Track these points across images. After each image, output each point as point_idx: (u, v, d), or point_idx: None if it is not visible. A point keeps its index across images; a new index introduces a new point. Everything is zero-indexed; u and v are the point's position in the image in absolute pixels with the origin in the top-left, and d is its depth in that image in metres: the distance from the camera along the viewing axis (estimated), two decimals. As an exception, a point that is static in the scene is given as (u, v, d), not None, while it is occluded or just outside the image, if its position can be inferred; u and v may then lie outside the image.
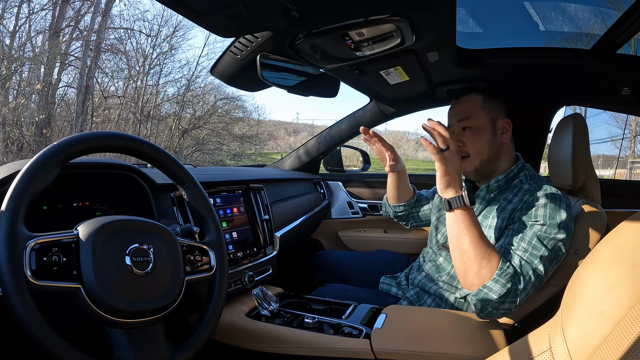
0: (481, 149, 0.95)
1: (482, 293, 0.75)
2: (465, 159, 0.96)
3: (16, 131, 7.85)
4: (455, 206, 0.79)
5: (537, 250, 0.78)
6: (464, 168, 0.97)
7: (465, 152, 0.96)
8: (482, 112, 0.96)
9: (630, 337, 0.30)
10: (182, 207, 0.89)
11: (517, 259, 0.78)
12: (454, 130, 0.99)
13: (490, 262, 0.76)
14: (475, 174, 0.98)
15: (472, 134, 0.95)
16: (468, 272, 0.77)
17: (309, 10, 0.73)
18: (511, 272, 0.75)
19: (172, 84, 11.17)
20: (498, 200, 0.94)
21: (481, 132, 0.95)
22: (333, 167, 1.91)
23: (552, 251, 0.79)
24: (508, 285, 0.74)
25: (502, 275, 0.74)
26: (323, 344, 0.79)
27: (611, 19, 0.96)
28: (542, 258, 0.78)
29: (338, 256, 1.40)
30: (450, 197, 0.80)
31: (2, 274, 0.47)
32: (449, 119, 1.01)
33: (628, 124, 10.27)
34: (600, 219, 0.89)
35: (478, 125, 0.95)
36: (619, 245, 0.38)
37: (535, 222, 0.81)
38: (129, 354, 0.56)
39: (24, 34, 8.65)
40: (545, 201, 0.83)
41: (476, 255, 0.76)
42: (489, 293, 0.75)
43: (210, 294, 0.71)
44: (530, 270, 0.77)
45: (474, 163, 0.95)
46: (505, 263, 0.76)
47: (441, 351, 0.73)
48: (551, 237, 0.79)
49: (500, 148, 0.96)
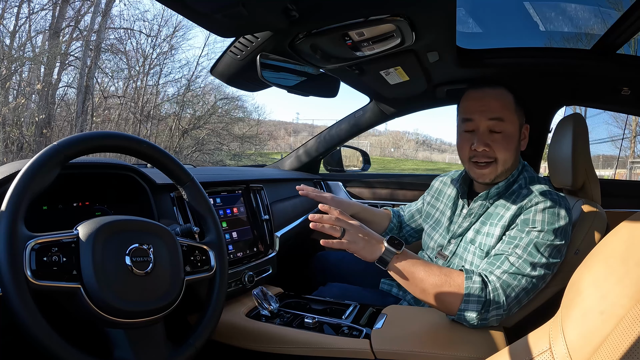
0: (508, 158, 0.87)
1: (463, 316, 0.76)
2: (489, 165, 0.87)
3: (16, 131, 7.85)
4: (389, 259, 0.77)
5: (531, 257, 0.77)
6: (485, 174, 0.88)
7: (493, 157, 0.86)
8: (514, 116, 0.87)
9: (630, 337, 0.30)
10: (182, 207, 0.89)
11: (507, 265, 0.77)
12: (479, 128, 0.87)
13: (452, 284, 0.75)
14: (492, 180, 0.90)
15: (503, 140, 0.86)
16: (440, 304, 0.77)
17: (309, 10, 0.73)
18: (478, 286, 0.75)
19: (172, 84, 11.19)
20: (496, 207, 0.90)
21: (512, 138, 0.87)
22: (333, 167, 1.91)
23: (548, 258, 0.78)
24: (482, 299, 0.74)
25: (472, 292, 0.74)
26: (323, 344, 0.79)
27: (611, 19, 0.96)
28: (535, 265, 0.77)
29: (337, 256, 1.40)
30: (379, 257, 0.77)
31: (2, 274, 0.47)
32: (472, 113, 0.88)
33: (628, 124, 10.29)
34: (600, 219, 0.89)
35: (511, 130, 0.86)
36: (619, 245, 0.38)
37: (532, 229, 0.79)
38: (129, 354, 0.56)
39: (24, 34, 8.66)
40: (544, 206, 0.81)
41: (435, 285, 0.76)
42: (467, 313, 0.75)
43: (210, 294, 0.71)
44: (520, 276, 0.76)
45: (496, 170, 0.87)
46: (470, 278, 0.76)
47: (441, 351, 0.73)
48: (548, 244, 0.78)
49: (518, 157, 0.91)
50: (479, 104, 0.88)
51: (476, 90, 0.90)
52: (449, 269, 0.79)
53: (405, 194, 1.73)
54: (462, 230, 0.95)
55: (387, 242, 0.77)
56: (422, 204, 1.19)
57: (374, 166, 2.14)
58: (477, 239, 0.89)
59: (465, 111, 0.90)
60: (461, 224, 0.96)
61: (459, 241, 0.95)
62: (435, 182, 1.16)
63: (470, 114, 0.89)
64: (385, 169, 17.90)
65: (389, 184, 1.77)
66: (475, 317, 0.75)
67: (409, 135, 23.30)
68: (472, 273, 0.77)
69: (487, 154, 0.86)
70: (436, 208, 1.09)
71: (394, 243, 0.77)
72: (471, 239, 0.91)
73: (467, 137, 0.90)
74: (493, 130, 0.87)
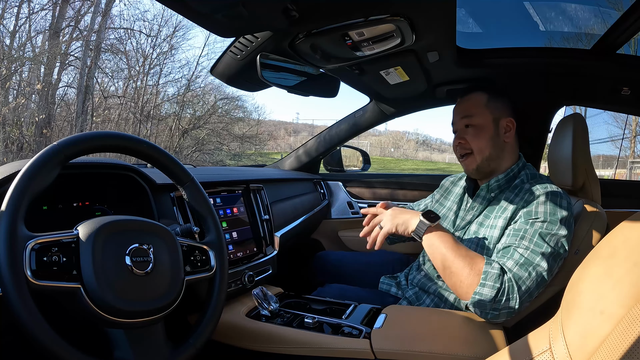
0: (483, 147, 0.96)
1: (476, 299, 0.77)
2: (468, 156, 0.99)
3: (16, 131, 7.85)
4: (422, 231, 0.83)
5: (538, 247, 0.79)
6: (466, 165, 1.00)
7: (468, 148, 0.98)
8: (485, 110, 0.97)
9: (630, 337, 0.30)
10: (182, 207, 0.89)
11: (517, 256, 0.79)
12: (457, 128, 1.02)
13: (473, 268, 0.78)
14: (477, 172, 0.99)
15: (474, 132, 0.97)
16: (456, 284, 0.80)
17: (309, 10, 0.73)
18: (496, 272, 0.77)
19: (172, 84, 11.20)
20: (499, 201, 0.94)
21: (483, 130, 0.97)
22: (333, 167, 1.91)
23: (555, 248, 0.79)
24: (497, 285, 0.75)
25: (488, 277, 0.76)
26: (323, 344, 0.79)
27: (611, 19, 0.96)
28: (544, 255, 0.78)
29: (337, 257, 1.40)
30: (415, 228, 0.84)
31: (2, 274, 0.47)
32: (453, 117, 1.04)
33: (628, 124, 10.29)
34: (600, 219, 0.89)
35: (480, 123, 0.97)
36: (619, 245, 0.38)
37: (535, 220, 0.82)
38: (129, 354, 0.56)
39: (24, 34, 8.66)
40: (546, 198, 0.84)
41: (458, 266, 0.79)
42: (480, 298, 0.76)
43: (210, 294, 0.71)
44: (530, 267, 0.77)
45: (475, 160, 0.97)
46: (490, 264, 0.78)
47: (441, 351, 0.73)
48: (553, 234, 0.80)
49: (503, 147, 0.97)
50: (456, 109, 1.04)
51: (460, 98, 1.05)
52: (474, 253, 0.82)
53: (405, 194, 1.73)
54: (465, 222, 1.00)
55: (423, 215, 0.84)
56: (431, 201, 1.23)
57: (374, 166, 2.14)
58: (480, 231, 0.93)
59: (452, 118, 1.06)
60: (465, 217, 1.01)
61: (462, 234, 0.99)
62: (445, 181, 1.22)
63: (452, 119, 1.05)
64: (385, 169, 17.90)
65: (389, 184, 1.78)
66: (488, 304, 0.76)
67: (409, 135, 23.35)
68: (493, 261, 0.80)
69: (463, 146, 0.99)
70: (444, 205, 1.13)
71: (429, 216, 0.83)
72: (474, 231, 0.95)
73: (454, 138, 1.03)
74: (466, 126, 0.99)
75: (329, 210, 1.82)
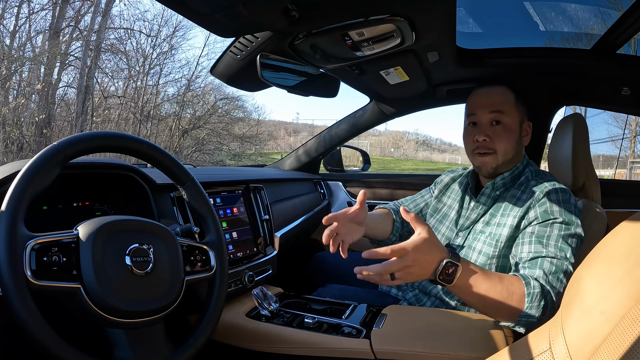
0: (509, 149, 0.92)
1: (522, 322, 0.72)
2: (489, 155, 0.92)
3: (16, 131, 7.85)
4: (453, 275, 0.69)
5: (564, 252, 0.77)
6: (485, 163, 0.93)
7: (492, 149, 0.91)
8: (515, 110, 0.93)
9: (630, 337, 0.30)
10: (182, 207, 0.89)
11: (547, 265, 0.76)
12: (481, 121, 0.93)
13: (513, 295, 0.71)
14: (493, 171, 0.94)
15: (503, 132, 0.91)
16: (499, 315, 0.75)
17: (309, 10, 0.73)
18: (538, 291, 0.72)
19: (172, 84, 11.19)
20: (505, 198, 0.92)
21: (512, 131, 0.92)
22: (333, 167, 1.91)
23: (575, 247, 0.79)
24: (542, 303, 0.71)
25: (533, 300, 0.71)
26: (323, 344, 0.79)
27: (611, 19, 0.96)
28: (568, 258, 0.77)
29: (337, 257, 1.40)
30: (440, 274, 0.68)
31: (2, 274, 0.47)
32: (475, 108, 0.94)
33: (628, 124, 10.29)
34: (600, 219, 0.89)
35: (510, 123, 0.92)
36: (619, 245, 0.38)
37: (554, 221, 0.80)
38: (129, 354, 0.56)
39: (24, 34, 8.66)
40: (557, 197, 0.83)
41: (498, 299, 0.71)
42: (528, 320, 0.72)
43: (210, 294, 0.71)
44: (561, 274, 0.75)
45: (497, 160, 0.92)
46: (529, 284, 0.72)
47: (441, 351, 0.73)
48: (572, 233, 0.79)
49: (521, 150, 0.95)
50: (482, 99, 0.95)
51: (481, 88, 0.98)
52: (506, 276, 0.74)
53: (405, 194, 1.72)
54: (469, 222, 0.96)
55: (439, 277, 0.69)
56: (430, 198, 1.17)
57: (374, 166, 2.14)
58: (487, 230, 0.91)
59: (470, 107, 0.97)
60: (469, 216, 0.98)
61: (466, 233, 0.96)
62: (445, 176, 1.16)
63: (474, 109, 0.95)
64: (385, 169, 17.91)
65: (389, 184, 1.78)
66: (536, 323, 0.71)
67: (409, 135, 23.34)
68: (529, 278, 0.74)
69: (487, 145, 0.92)
70: (444, 203, 1.10)
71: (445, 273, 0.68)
72: (481, 230, 0.93)
73: (470, 131, 0.96)
74: (494, 122, 0.92)
75: (329, 210, 1.82)
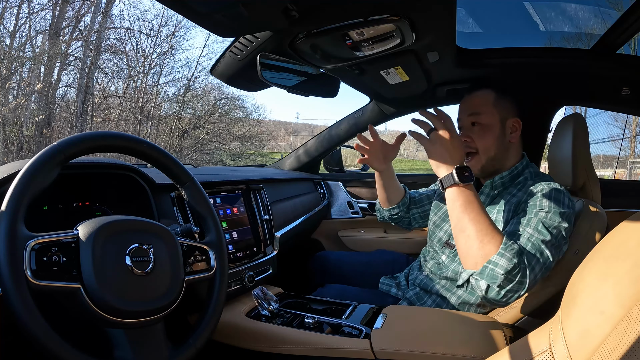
0: (489, 147, 0.95)
1: (487, 269, 0.72)
2: (472, 156, 0.96)
3: (16, 131, 7.85)
4: (447, 184, 0.80)
5: (542, 235, 0.77)
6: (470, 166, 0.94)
7: (474, 148, 0.96)
8: (493, 109, 0.96)
9: (630, 337, 0.30)
10: (182, 207, 0.89)
11: (524, 240, 0.77)
12: (463, 125, 0.99)
13: (493, 237, 0.74)
14: (481, 171, 0.98)
15: (480, 131, 0.95)
16: (470, 250, 0.76)
17: (309, 10, 0.73)
18: (517, 248, 0.73)
19: (172, 84, 11.18)
20: (502, 197, 0.94)
21: (490, 129, 0.95)
22: (333, 167, 1.91)
23: (557, 238, 0.79)
24: (514, 260, 0.71)
25: (508, 249, 0.72)
26: (323, 344, 0.79)
27: (611, 19, 0.96)
28: (547, 243, 0.77)
29: (337, 257, 1.40)
30: (442, 177, 0.81)
31: (2, 274, 0.47)
32: (459, 113, 1.01)
33: (628, 124, 10.27)
34: (600, 219, 0.89)
35: (487, 122, 0.95)
36: (619, 245, 0.38)
37: (540, 210, 0.81)
38: (129, 354, 0.56)
39: (24, 34, 8.65)
40: (550, 193, 0.84)
41: (477, 231, 0.75)
42: (494, 268, 0.71)
43: (210, 294, 0.71)
44: (536, 251, 0.75)
45: (480, 161, 0.96)
46: (510, 239, 0.75)
47: (441, 351, 0.73)
48: (555, 225, 0.79)
49: (508, 147, 0.96)
50: (463, 104, 1.01)
51: (466, 94, 1.02)
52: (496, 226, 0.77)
53: (405, 194, 1.73)
54: None
55: (456, 169, 0.79)
56: (434, 193, 1.21)
57: (373, 166, 2.12)
58: None
59: (458, 113, 1.03)
60: None
61: None
62: None
63: (458, 115, 1.02)
64: (385, 169, 17.78)
65: (389, 184, 1.77)
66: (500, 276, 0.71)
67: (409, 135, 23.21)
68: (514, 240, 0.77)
69: (469, 145, 0.96)
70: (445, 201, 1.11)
71: (463, 174, 0.79)
72: None
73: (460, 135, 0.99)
74: (472, 123, 0.97)
75: (328, 210, 1.82)
